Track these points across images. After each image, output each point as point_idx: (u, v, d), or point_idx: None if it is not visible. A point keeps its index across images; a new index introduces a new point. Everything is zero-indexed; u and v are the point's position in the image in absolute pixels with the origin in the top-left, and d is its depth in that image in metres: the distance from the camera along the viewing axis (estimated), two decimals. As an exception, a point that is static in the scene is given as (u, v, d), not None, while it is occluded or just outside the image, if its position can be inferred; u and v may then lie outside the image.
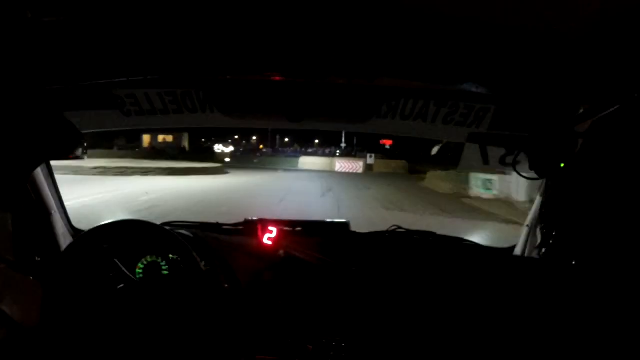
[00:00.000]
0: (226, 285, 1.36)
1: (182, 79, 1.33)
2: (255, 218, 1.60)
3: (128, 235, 1.28)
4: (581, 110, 1.09)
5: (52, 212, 1.44)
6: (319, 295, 1.39)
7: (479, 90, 1.04)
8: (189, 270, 1.25)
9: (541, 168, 1.27)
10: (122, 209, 7.84)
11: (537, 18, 0.79)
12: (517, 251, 1.51)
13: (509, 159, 1.35)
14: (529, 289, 1.29)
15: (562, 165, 1.18)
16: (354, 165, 26.09)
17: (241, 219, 1.64)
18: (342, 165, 26.23)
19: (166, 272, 1.29)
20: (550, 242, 1.29)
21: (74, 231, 1.57)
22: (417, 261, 1.43)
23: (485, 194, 12.31)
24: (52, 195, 1.43)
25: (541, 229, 1.35)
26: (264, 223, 1.50)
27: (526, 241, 1.46)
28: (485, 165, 1.43)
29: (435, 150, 1.62)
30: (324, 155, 31.49)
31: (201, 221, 1.64)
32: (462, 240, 1.61)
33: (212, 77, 1.29)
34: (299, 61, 0.92)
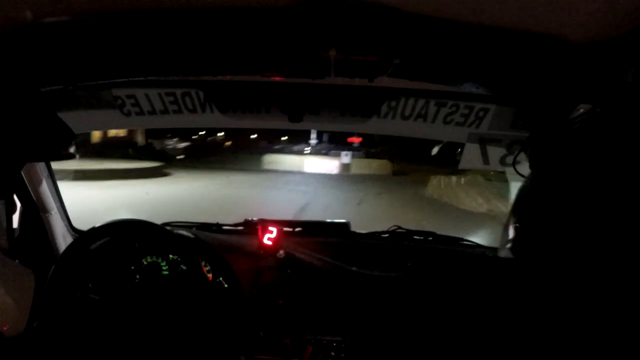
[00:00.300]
0: (226, 285, 1.36)
1: (182, 79, 1.33)
2: (255, 218, 1.60)
3: (128, 235, 1.28)
4: (581, 110, 1.09)
5: (52, 212, 1.44)
6: (319, 296, 1.39)
7: (479, 90, 1.04)
8: (189, 270, 1.25)
9: (540, 168, 1.27)
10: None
11: (537, 19, 0.79)
12: (516, 250, 1.51)
13: (509, 159, 1.35)
14: (528, 288, 1.29)
15: (562, 165, 1.18)
16: (326, 165, 21.66)
17: (241, 219, 1.64)
18: (312, 164, 21.45)
19: (166, 273, 1.29)
20: (549, 241, 1.29)
21: (74, 231, 1.57)
22: (418, 261, 1.43)
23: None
24: (52, 195, 1.43)
25: (540, 229, 1.35)
26: (264, 223, 1.50)
27: (525, 240, 1.46)
28: (486, 165, 1.43)
29: (435, 150, 1.63)
30: (291, 152, 26.71)
31: (201, 221, 1.64)
32: (462, 240, 1.61)
33: (212, 77, 1.29)
34: (298, 61, 0.92)
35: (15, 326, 1.13)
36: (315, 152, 27.97)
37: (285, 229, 1.54)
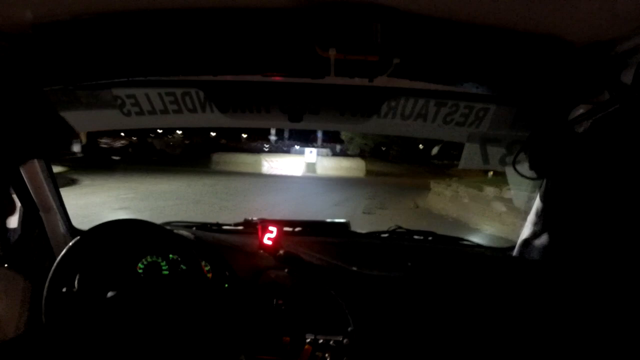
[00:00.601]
0: (226, 285, 1.36)
1: (182, 79, 1.33)
2: (255, 218, 1.60)
3: (128, 235, 1.28)
4: (581, 110, 1.09)
5: (52, 212, 1.44)
6: (319, 295, 1.39)
7: (479, 90, 1.04)
8: (189, 270, 1.25)
9: (541, 168, 1.27)
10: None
11: (537, 19, 0.79)
12: (516, 251, 1.52)
13: (509, 159, 1.35)
14: (528, 289, 1.29)
15: (562, 165, 1.18)
16: (287, 165, 17.71)
17: (241, 219, 1.64)
18: (271, 165, 17.48)
19: (166, 272, 1.29)
20: (549, 241, 1.29)
21: (74, 231, 1.57)
22: (418, 261, 1.43)
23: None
24: (51, 195, 1.43)
25: (541, 229, 1.35)
26: (264, 223, 1.50)
27: (525, 241, 1.47)
28: (486, 165, 1.44)
29: (435, 150, 1.63)
30: (248, 150, 22.23)
31: (201, 221, 1.64)
32: (462, 240, 1.62)
33: (212, 77, 1.29)
34: (298, 61, 0.92)
35: (6, 330, 1.12)
36: (275, 149, 23.96)
37: (285, 228, 1.54)
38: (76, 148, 1.16)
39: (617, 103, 0.92)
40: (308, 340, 1.33)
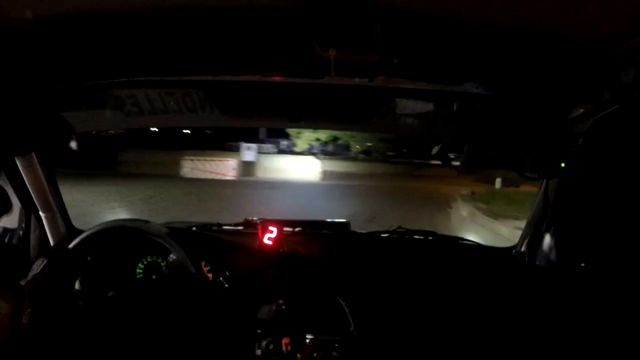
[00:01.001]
0: (226, 285, 1.36)
1: (182, 79, 1.33)
2: (255, 218, 1.60)
3: (128, 235, 1.28)
4: (581, 110, 1.09)
5: (52, 212, 1.44)
6: (319, 295, 1.40)
7: (479, 90, 1.04)
8: (189, 270, 1.25)
9: (541, 168, 1.27)
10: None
11: (537, 19, 0.79)
12: (517, 251, 1.52)
13: (509, 159, 1.36)
14: (528, 289, 1.30)
15: (562, 165, 1.18)
16: (219, 165, 14.13)
17: (241, 219, 1.64)
18: (197, 165, 14.10)
19: (166, 272, 1.29)
20: (550, 241, 1.29)
21: (74, 231, 1.57)
22: (418, 260, 1.43)
23: None
24: (51, 195, 1.43)
25: (541, 229, 1.35)
26: (264, 223, 1.50)
27: (526, 241, 1.46)
28: (485, 165, 1.44)
29: (435, 150, 1.63)
30: (173, 147, 16.73)
31: (202, 221, 1.64)
32: (462, 239, 1.62)
33: (212, 77, 1.30)
34: (298, 61, 0.92)
35: (5, 330, 1.12)
36: (208, 145, 17.78)
37: (286, 228, 1.54)
38: (72, 147, 1.15)
39: (617, 103, 0.92)
40: (308, 340, 1.33)
